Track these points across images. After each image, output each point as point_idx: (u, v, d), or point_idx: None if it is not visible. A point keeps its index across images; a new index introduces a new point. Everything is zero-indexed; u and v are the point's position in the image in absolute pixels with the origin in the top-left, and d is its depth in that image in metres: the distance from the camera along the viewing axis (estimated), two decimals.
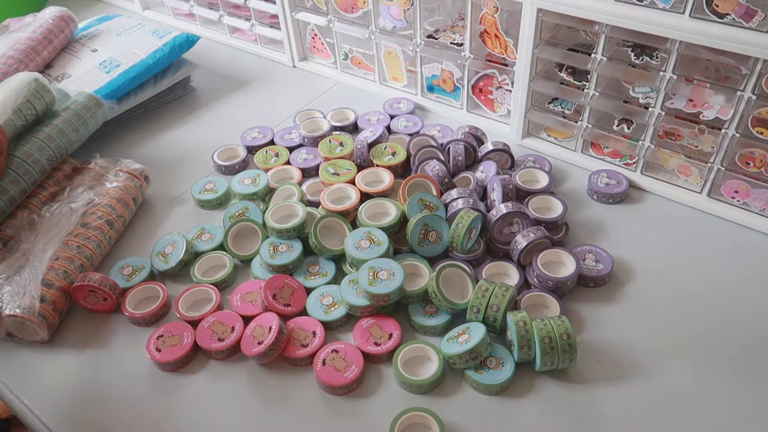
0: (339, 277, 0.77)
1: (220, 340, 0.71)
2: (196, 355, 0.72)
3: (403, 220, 0.80)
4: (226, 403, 0.67)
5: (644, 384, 0.66)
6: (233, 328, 0.72)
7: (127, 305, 0.76)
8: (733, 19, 0.70)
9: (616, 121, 0.89)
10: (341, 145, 0.95)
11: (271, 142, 1.03)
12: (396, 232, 0.81)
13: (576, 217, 0.86)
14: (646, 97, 0.84)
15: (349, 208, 0.83)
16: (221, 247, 0.83)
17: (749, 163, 0.79)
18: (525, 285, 0.76)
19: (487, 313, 0.69)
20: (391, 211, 0.82)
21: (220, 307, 0.76)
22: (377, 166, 0.91)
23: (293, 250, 0.79)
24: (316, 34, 1.19)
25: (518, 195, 0.85)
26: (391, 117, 1.06)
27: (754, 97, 0.73)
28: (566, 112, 0.94)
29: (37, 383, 0.70)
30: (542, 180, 0.88)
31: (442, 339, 0.69)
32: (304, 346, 0.70)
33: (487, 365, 0.66)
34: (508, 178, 0.83)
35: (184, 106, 1.16)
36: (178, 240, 0.82)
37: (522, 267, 0.77)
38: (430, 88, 1.09)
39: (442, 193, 0.84)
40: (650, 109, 0.83)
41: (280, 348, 0.69)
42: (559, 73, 0.91)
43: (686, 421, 0.63)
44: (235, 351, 0.71)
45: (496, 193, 0.83)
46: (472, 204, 0.80)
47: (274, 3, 1.16)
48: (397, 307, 0.74)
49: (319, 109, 1.09)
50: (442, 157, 0.90)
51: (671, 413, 0.63)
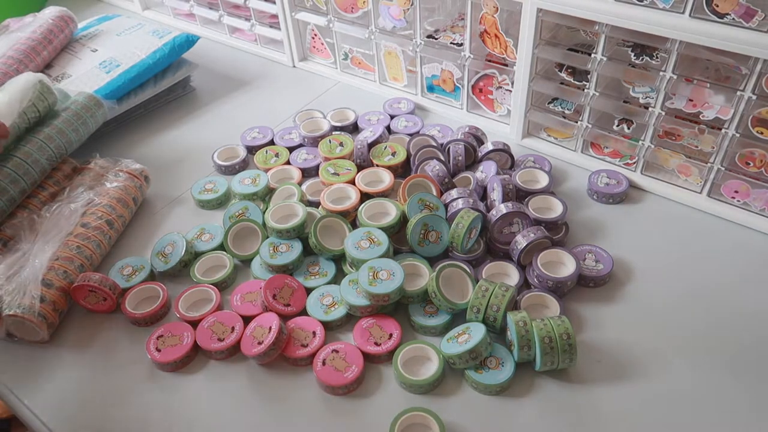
0: (339, 277, 0.77)
1: (220, 340, 0.71)
2: (196, 355, 0.72)
3: (403, 220, 0.80)
4: (226, 403, 0.67)
5: (644, 384, 0.66)
6: (233, 328, 0.72)
7: (127, 305, 0.76)
8: (733, 19, 0.70)
9: (616, 121, 0.89)
10: (341, 145, 0.95)
11: (271, 142, 1.03)
12: (396, 232, 0.81)
13: (576, 217, 0.86)
14: (646, 97, 0.84)
15: (349, 208, 0.83)
16: (221, 247, 0.83)
17: (749, 163, 0.79)
18: (525, 285, 0.76)
19: (487, 313, 0.69)
20: (391, 211, 0.82)
21: (220, 307, 0.76)
22: (377, 166, 0.91)
23: (293, 250, 0.79)
24: (316, 34, 1.19)
25: (518, 195, 0.85)
26: (391, 117, 1.06)
27: (754, 97, 0.73)
28: (566, 112, 0.94)
29: (37, 383, 0.70)
30: (542, 180, 0.88)
31: (442, 339, 0.69)
32: (304, 346, 0.70)
33: (487, 365, 0.66)
34: (508, 178, 0.83)
35: (184, 106, 1.16)
36: (178, 240, 0.82)
37: (522, 267, 0.77)
38: (430, 88, 1.09)
39: (442, 193, 0.84)
40: (650, 109, 0.83)
41: (280, 348, 0.69)
42: (559, 73, 0.91)
43: (686, 421, 0.63)
44: (235, 351, 0.71)
45: (496, 193, 0.83)
46: (472, 204, 0.80)
47: (274, 3, 1.16)
48: (397, 307, 0.74)
49: (319, 109, 1.09)
50: (442, 157, 0.90)
51: (671, 413, 0.63)
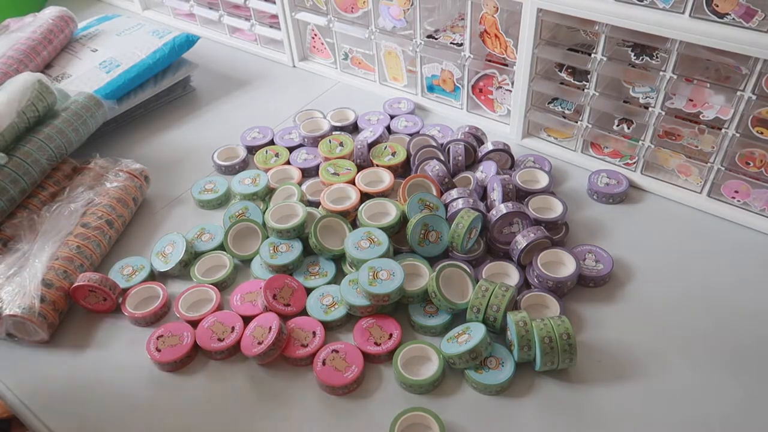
0: (339, 277, 0.77)
1: (220, 340, 0.71)
2: (196, 355, 0.72)
3: (403, 220, 0.80)
4: (226, 403, 0.67)
5: (644, 384, 0.66)
6: (233, 328, 0.72)
7: (127, 305, 0.76)
8: (733, 19, 0.70)
9: (616, 121, 0.89)
10: (341, 145, 0.95)
11: (271, 142, 1.03)
12: (396, 232, 0.81)
13: (576, 217, 0.86)
14: (646, 97, 0.84)
15: (349, 208, 0.83)
16: (221, 247, 0.83)
17: (749, 163, 0.79)
18: (525, 285, 0.76)
19: (487, 313, 0.69)
20: (391, 211, 0.82)
21: (220, 307, 0.76)
22: (377, 166, 0.91)
23: (293, 250, 0.79)
24: (316, 34, 1.19)
25: (518, 195, 0.85)
26: (391, 117, 1.06)
27: (754, 97, 0.73)
28: (566, 112, 0.94)
29: (37, 383, 0.70)
30: (542, 180, 0.88)
31: (442, 339, 0.69)
32: (304, 346, 0.70)
33: (487, 365, 0.66)
34: (508, 178, 0.83)
35: (184, 106, 1.16)
36: (178, 240, 0.82)
37: (522, 267, 0.77)
38: (430, 88, 1.09)
39: (442, 193, 0.84)
40: (650, 109, 0.83)
41: (280, 348, 0.69)
42: (559, 73, 0.91)
43: (686, 420, 0.62)
44: (235, 351, 0.71)
45: (496, 193, 0.83)
46: (472, 204, 0.80)
47: (274, 3, 1.16)
48: (397, 307, 0.74)
49: (319, 109, 1.09)
50: (442, 157, 0.90)
51: (671, 413, 0.63)
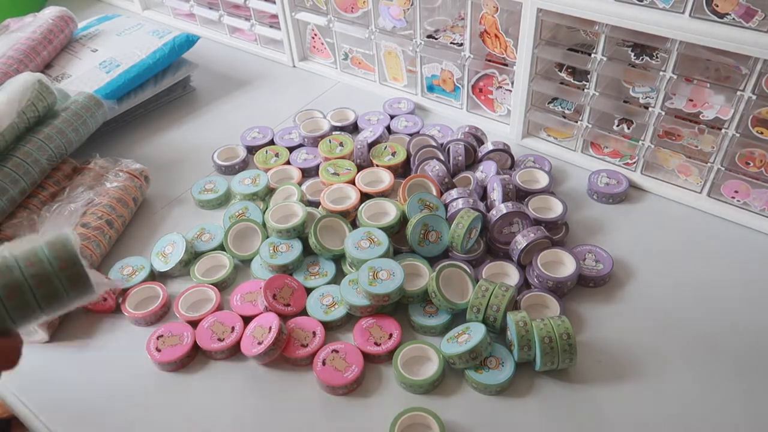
0: (339, 277, 0.77)
1: (220, 340, 0.71)
2: (196, 355, 0.72)
3: (403, 220, 0.80)
4: (226, 403, 0.67)
5: (644, 384, 0.66)
6: (233, 328, 0.72)
7: (127, 305, 0.76)
8: (733, 18, 0.70)
9: (616, 121, 0.89)
10: (341, 145, 0.95)
11: (271, 142, 1.03)
12: (396, 232, 0.81)
13: (576, 217, 0.86)
14: (646, 97, 0.84)
15: (349, 208, 0.83)
16: (221, 247, 0.83)
17: (749, 163, 0.79)
18: (525, 285, 0.76)
19: (487, 313, 0.69)
20: (391, 211, 0.82)
21: (220, 307, 0.76)
22: (377, 166, 0.91)
23: (293, 250, 0.79)
24: (316, 34, 1.19)
25: (518, 195, 0.85)
26: (391, 117, 1.06)
27: (754, 97, 0.73)
28: (566, 112, 0.94)
29: (37, 383, 0.70)
30: (542, 180, 0.88)
31: (442, 339, 0.69)
32: (304, 346, 0.70)
33: (487, 365, 0.66)
34: (508, 178, 0.83)
35: (184, 106, 1.16)
36: (178, 240, 0.82)
37: (522, 267, 0.77)
38: (430, 88, 1.09)
39: (442, 193, 0.84)
40: (650, 109, 0.83)
41: (280, 348, 0.69)
42: (559, 73, 0.91)
43: (686, 420, 0.62)
44: (235, 351, 0.71)
45: (496, 193, 0.83)
46: (472, 204, 0.80)
47: (274, 3, 1.16)
48: (397, 307, 0.74)
49: (319, 109, 1.09)
50: (442, 157, 0.90)
51: (671, 413, 0.63)
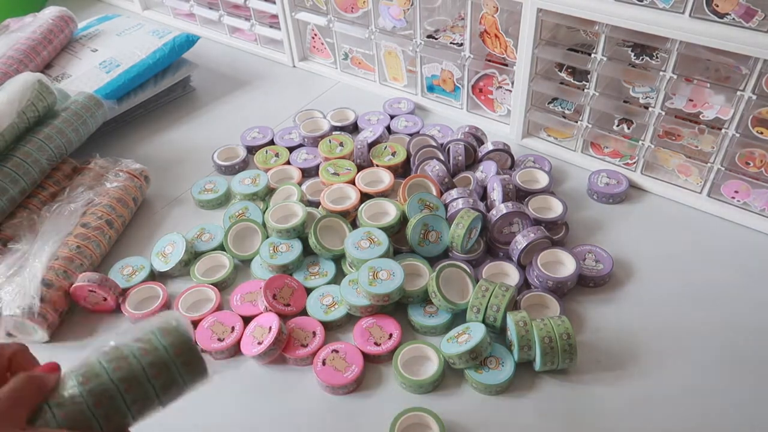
0: (339, 277, 0.77)
1: (220, 340, 0.71)
2: None
3: (403, 220, 0.80)
4: (226, 403, 0.67)
5: (644, 384, 0.66)
6: (233, 328, 0.72)
7: (127, 305, 0.76)
8: (733, 18, 0.70)
9: (616, 121, 0.89)
10: (341, 145, 0.95)
11: (271, 142, 1.03)
12: (396, 232, 0.81)
13: (576, 217, 0.86)
14: (646, 97, 0.84)
15: (349, 208, 0.83)
16: (221, 247, 0.83)
17: (749, 163, 0.79)
18: (525, 285, 0.76)
19: (487, 313, 0.69)
20: (391, 211, 0.82)
21: (220, 307, 0.76)
22: (377, 166, 0.91)
23: (293, 250, 0.79)
24: (316, 34, 1.19)
25: (518, 195, 0.85)
26: (391, 117, 1.06)
27: (754, 97, 0.73)
28: (566, 112, 0.94)
29: None
30: (542, 180, 0.88)
31: (442, 339, 0.69)
32: (304, 346, 0.70)
33: (487, 365, 0.66)
34: (508, 178, 0.83)
35: (184, 106, 1.16)
36: (178, 240, 0.82)
37: (522, 267, 0.77)
38: (430, 88, 1.09)
39: (442, 193, 0.84)
40: (650, 109, 0.83)
41: (280, 348, 0.69)
42: (559, 73, 0.91)
43: (686, 420, 0.63)
44: (235, 351, 0.71)
45: (496, 193, 0.83)
46: (472, 204, 0.80)
47: (274, 3, 1.16)
48: (397, 307, 0.74)
49: (319, 109, 1.09)
50: (442, 157, 0.90)
51: (671, 413, 0.63)
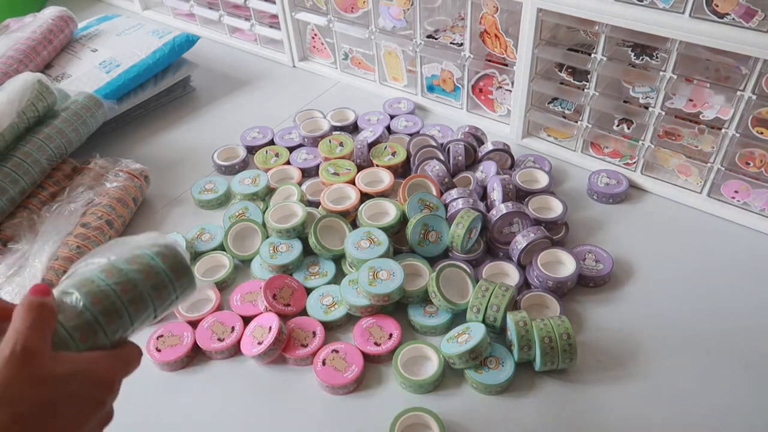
0: (339, 277, 0.77)
1: (220, 340, 0.71)
2: (196, 355, 0.72)
3: (403, 220, 0.80)
4: (226, 402, 0.67)
5: (644, 383, 0.66)
6: (233, 328, 0.72)
7: None
8: (733, 19, 0.70)
9: (616, 121, 0.89)
10: (341, 145, 0.95)
11: (271, 142, 1.03)
12: (396, 232, 0.81)
13: (576, 217, 0.86)
14: (646, 97, 0.84)
15: (349, 208, 0.83)
16: (221, 247, 0.83)
17: (749, 163, 0.79)
18: (525, 285, 0.76)
19: (487, 313, 0.69)
20: (391, 211, 0.82)
21: (220, 307, 0.76)
22: (377, 166, 0.91)
23: (293, 250, 0.79)
24: (316, 34, 1.19)
25: (518, 195, 0.85)
26: (391, 117, 1.06)
27: (754, 97, 0.73)
28: (566, 112, 0.94)
29: None
30: (542, 180, 0.88)
31: (442, 339, 0.69)
32: (304, 346, 0.70)
33: (487, 365, 0.66)
34: (508, 178, 0.83)
35: (184, 106, 1.16)
36: (178, 240, 0.82)
37: (522, 267, 0.77)
38: (430, 88, 1.09)
39: (442, 193, 0.84)
40: (650, 109, 0.83)
41: (280, 348, 0.69)
42: (559, 73, 0.91)
43: (686, 420, 0.63)
44: (235, 351, 0.71)
45: (496, 193, 0.83)
46: (472, 204, 0.80)
47: (274, 3, 1.16)
48: (397, 307, 0.74)
49: (319, 109, 1.09)
50: (442, 157, 0.90)
51: (671, 412, 0.63)
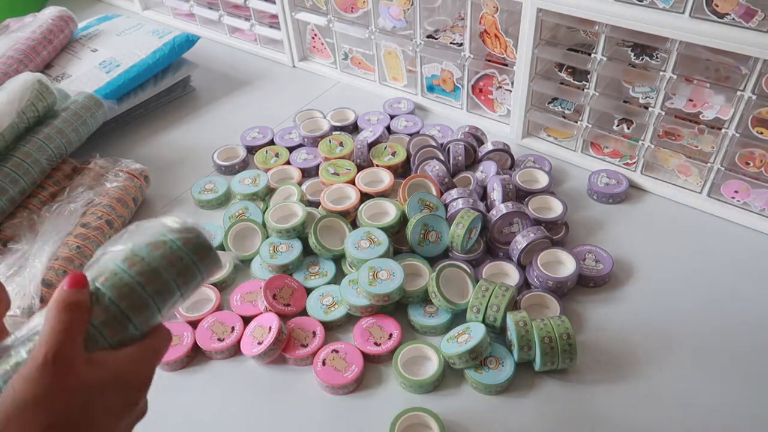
0: (339, 277, 0.77)
1: (220, 340, 0.71)
2: (196, 356, 0.72)
3: (403, 220, 0.80)
4: (226, 402, 0.67)
5: (644, 383, 0.66)
6: (233, 328, 0.72)
7: None
8: (733, 18, 0.70)
9: (616, 121, 0.89)
10: (341, 145, 0.95)
11: (271, 142, 1.03)
12: (396, 232, 0.81)
13: (576, 217, 0.86)
14: (646, 97, 0.84)
15: (349, 208, 0.83)
16: (221, 247, 0.83)
17: (749, 163, 0.79)
18: (525, 285, 0.76)
19: (487, 313, 0.69)
20: (391, 211, 0.82)
21: (220, 307, 0.76)
22: (377, 166, 0.91)
23: (293, 250, 0.79)
24: (316, 34, 1.19)
25: (518, 195, 0.85)
26: (391, 117, 1.06)
27: (754, 97, 0.73)
28: (566, 112, 0.94)
29: None
30: (542, 180, 0.88)
31: (442, 339, 0.69)
32: (304, 346, 0.70)
33: (487, 365, 0.66)
34: (508, 178, 0.83)
35: (184, 106, 1.16)
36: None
37: (522, 267, 0.77)
38: (430, 88, 1.09)
39: (442, 193, 0.84)
40: (650, 109, 0.83)
41: (280, 348, 0.69)
42: (559, 73, 0.91)
43: (687, 419, 0.63)
44: (235, 351, 0.71)
45: (496, 193, 0.83)
46: (472, 204, 0.80)
47: (274, 3, 1.16)
48: (397, 307, 0.74)
49: (319, 109, 1.09)
50: (442, 157, 0.90)
51: (671, 412, 0.63)
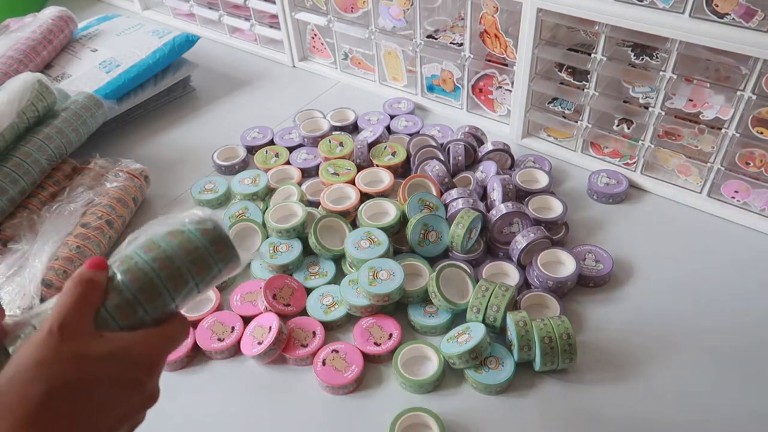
0: (339, 277, 0.77)
1: (220, 340, 0.71)
2: (196, 355, 0.72)
3: (403, 220, 0.80)
4: (226, 402, 0.67)
5: (644, 383, 0.66)
6: (233, 328, 0.72)
7: None
8: (733, 18, 0.70)
9: (616, 121, 0.89)
10: (341, 145, 0.95)
11: (271, 142, 1.03)
12: (396, 232, 0.81)
13: (576, 217, 0.86)
14: (646, 97, 0.84)
15: (349, 208, 0.83)
16: None
17: (749, 163, 0.79)
18: (525, 285, 0.76)
19: (487, 313, 0.69)
20: (391, 211, 0.82)
21: (220, 307, 0.76)
22: (377, 166, 0.91)
23: (293, 250, 0.79)
24: (315, 34, 1.19)
25: (518, 195, 0.85)
26: (391, 117, 1.06)
27: (754, 97, 0.73)
28: (566, 112, 0.94)
29: None
30: (542, 180, 0.88)
31: (442, 339, 0.69)
32: (304, 346, 0.70)
33: (487, 365, 0.66)
34: (508, 178, 0.83)
35: (184, 106, 1.16)
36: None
37: (522, 267, 0.77)
38: (430, 88, 1.09)
39: (442, 193, 0.84)
40: (650, 109, 0.83)
41: (280, 348, 0.69)
42: (559, 73, 0.91)
43: (686, 420, 0.63)
44: (235, 351, 0.71)
45: (496, 193, 0.83)
46: (472, 204, 0.80)
47: (274, 3, 1.16)
48: (397, 307, 0.74)
49: (319, 109, 1.09)
50: (442, 157, 0.90)
51: (671, 412, 0.63)
